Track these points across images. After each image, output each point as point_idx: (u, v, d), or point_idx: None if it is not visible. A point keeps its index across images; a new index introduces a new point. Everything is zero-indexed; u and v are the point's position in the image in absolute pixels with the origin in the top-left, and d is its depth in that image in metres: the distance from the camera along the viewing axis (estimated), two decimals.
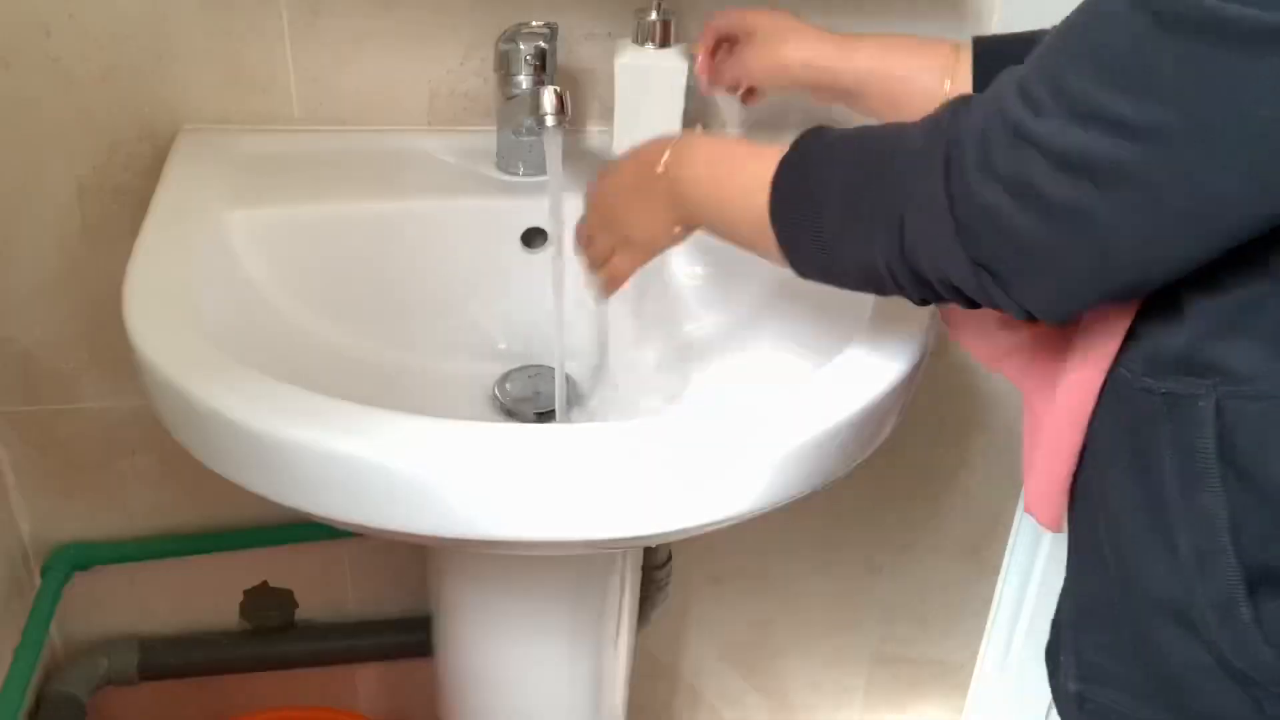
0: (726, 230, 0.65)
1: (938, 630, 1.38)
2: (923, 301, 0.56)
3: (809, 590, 1.31)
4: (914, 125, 0.54)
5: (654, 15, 0.86)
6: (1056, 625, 0.63)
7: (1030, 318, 0.52)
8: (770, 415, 0.64)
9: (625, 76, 0.87)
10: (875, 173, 0.54)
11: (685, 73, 0.87)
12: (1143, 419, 0.52)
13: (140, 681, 1.12)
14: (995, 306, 0.52)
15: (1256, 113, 0.40)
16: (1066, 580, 0.61)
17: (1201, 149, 0.41)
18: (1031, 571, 1.27)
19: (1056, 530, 0.62)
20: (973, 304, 0.54)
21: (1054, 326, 0.56)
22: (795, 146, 0.59)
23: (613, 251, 0.74)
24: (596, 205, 0.75)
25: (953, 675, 1.41)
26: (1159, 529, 0.51)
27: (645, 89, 0.88)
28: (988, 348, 0.64)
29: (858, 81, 0.75)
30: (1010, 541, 1.26)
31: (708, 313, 0.89)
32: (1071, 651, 0.59)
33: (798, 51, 0.77)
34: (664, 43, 0.87)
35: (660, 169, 0.67)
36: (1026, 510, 0.63)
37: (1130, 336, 0.53)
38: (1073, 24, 0.46)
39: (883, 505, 1.25)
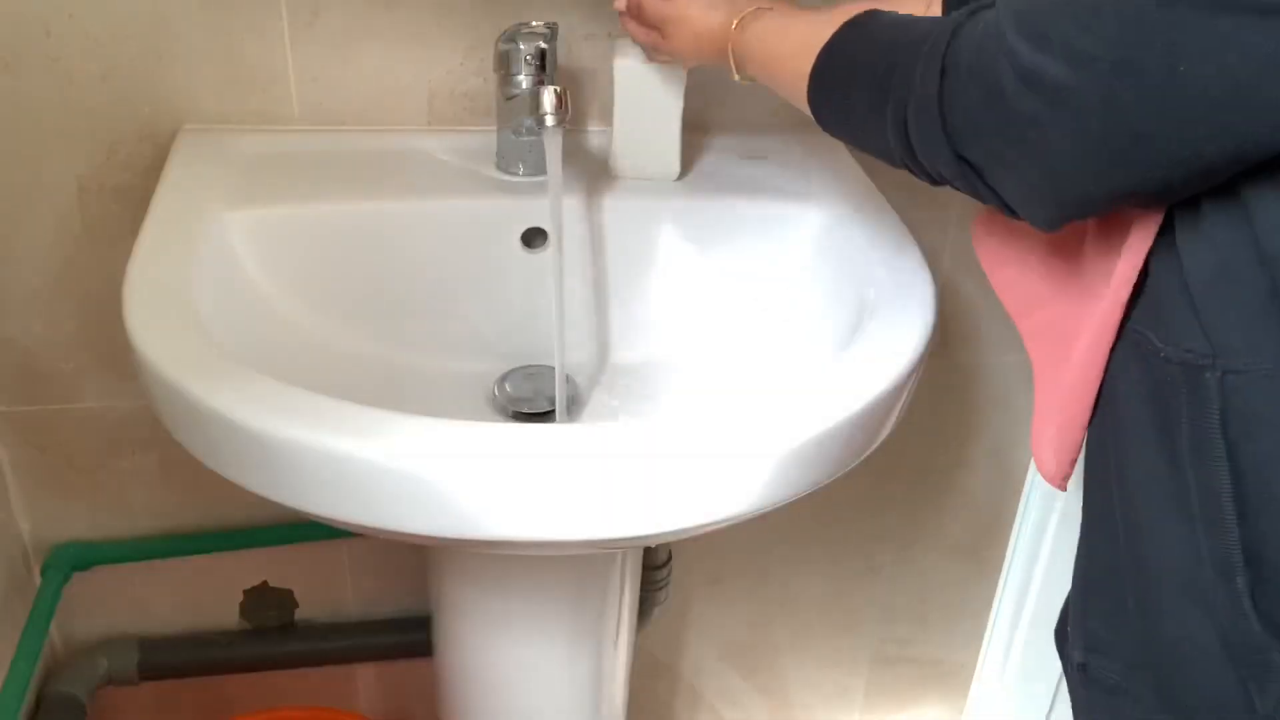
0: (772, 79, 0.73)
1: (938, 630, 1.38)
2: (931, 181, 0.60)
3: (809, 590, 1.31)
4: (933, 24, 0.58)
5: None
6: (1067, 602, 0.63)
7: (1013, 214, 0.55)
8: (770, 415, 0.64)
9: (625, 76, 0.88)
10: (890, 64, 0.59)
11: (684, 74, 0.87)
12: (1163, 386, 0.53)
13: (140, 681, 1.12)
14: (981, 199, 0.56)
15: (1171, 59, 0.44)
16: (1078, 551, 0.62)
17: (1122, 84, 0.45)
18: (1032, 571, 1.27)
19: (1062, 487, 0.63)
20: (973, 193, 0.57)
21: (1049, 232, 0.58)
22: (836, 34, 0.65)
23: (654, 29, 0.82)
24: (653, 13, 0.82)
25: (953, 675, 1.42)
26: (1174, 498, 0.52)
27: (645, 89, 0.88)
28: (1017, 292, 0.66)
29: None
30: (1011, 541, 1.27)
31: (707, 314, 0.89)
32: (1079, 622, 0.60)
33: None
34: None
35: (734, 26, 0.76)
36: (1038, 465, 0.64)
37: (1154, 303, 0.54)
38: None
39: (883, 505, 1.25)
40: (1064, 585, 0.65)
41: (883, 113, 0.59)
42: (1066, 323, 0.61)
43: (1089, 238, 0.60)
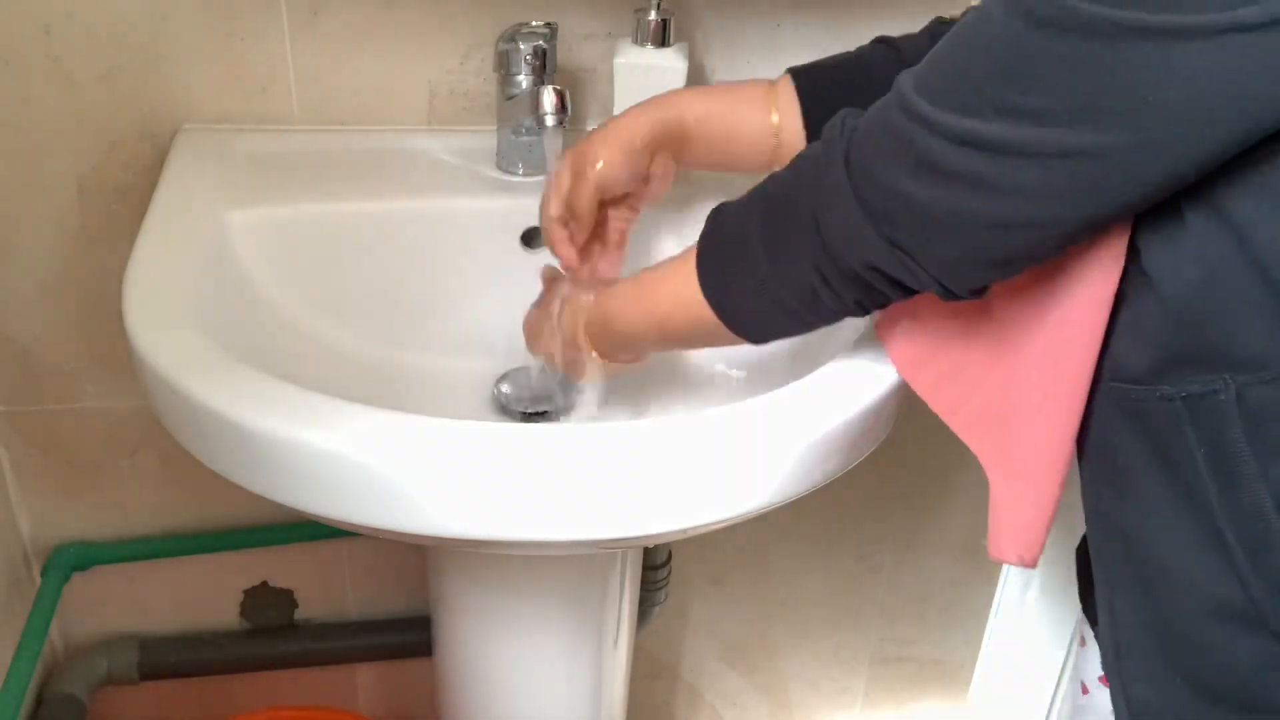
0: (673, 343, 0.71)
1: (938, 630, 1.38)
2: (859, 307, 0.60)
3: (809, 590, 1.31)
4: (807, 149, 0.60)
5: (653, 15, 0.86)
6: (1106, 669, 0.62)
7: (949, 295, 0.55)
8: (770, 415, 0.64)
9: (624, 76, 0.88)
10: (785, 197, 0.60)
11: (684, 72, 0.87)
12: (1165, 428, 0.53)
13: (140, 681, 1.12)
14: (919, 285, 0.56)
15: (1126, 95, 0.45)
16: (1100, 621, 0.61)
17: (1080, 126, 0.46)
18: (1032, 571, 1.27)
19: (1033, 565, 0.62)
20: (903, 291, 0.57)
21: (969, 303, 0.58)
22: (706, 228, 0.64)
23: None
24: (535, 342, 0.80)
25: (953, 675, 1.42)
26: (1206, 532, 0.52)
27: (644, 88, 0.88)
28: (944, 388, 0.65)
29: (695, 122, 0.77)
30: None
31: None
32: (1119, 693, 0.59)
33: (630, 133, 0.76)
34: (663, 42, 0.87)
35: (599, 358, 0.74)
36: (995, 556, 0.62)
37: (1130, 351, 0.54)
38: (960, 27, 0.51)
39: (883, 505, 1.25)
40: (1063, 584, 0.65)
41: (794, 237, 0.58)
42: (999, 401, 0.61)
43: (996, 308, 0.60)
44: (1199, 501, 0.52)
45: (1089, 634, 0.67)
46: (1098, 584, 0.59)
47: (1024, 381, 0.59)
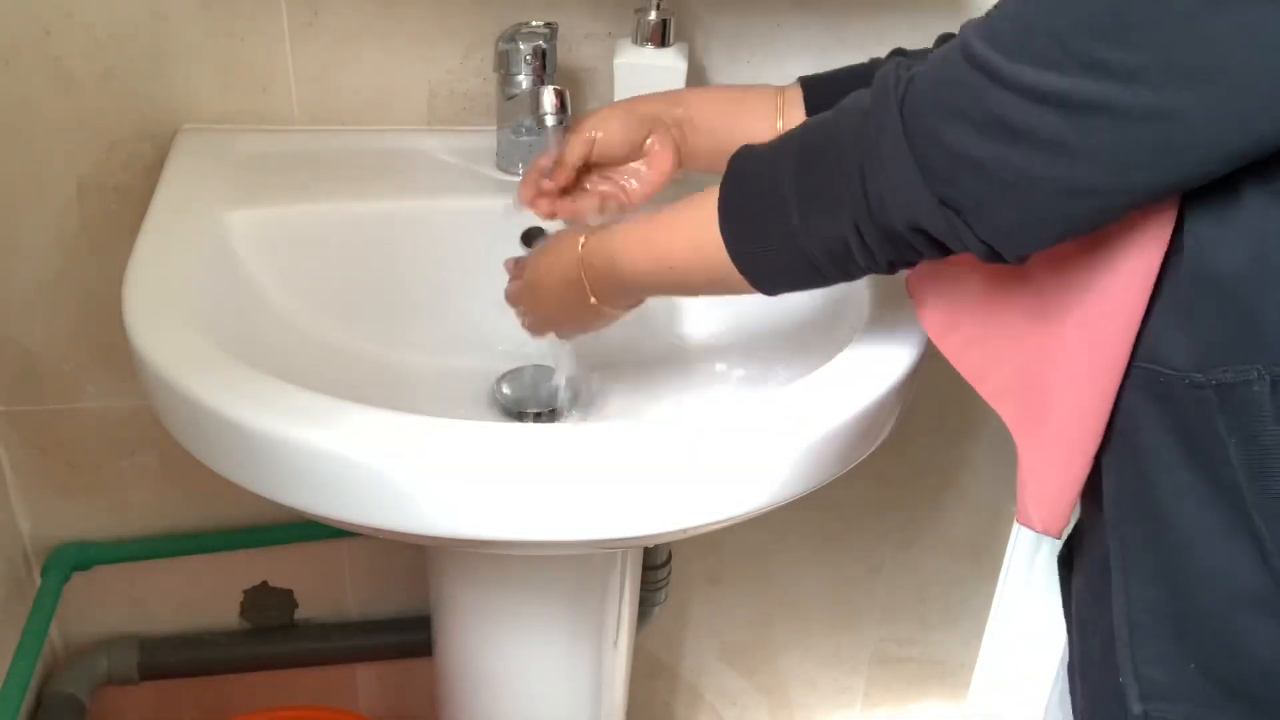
0: (679, 289, 0.68)
1: (938, 630, 1.38)
2: (890, 267, 0.58)
3: (809, 590, 1.31)
4: (850, 100, 0.57)
5: (653, 15, 0.86)
6: (1107, 647, 0.61)
7: (993, 257, 0.54)
8: (770, 416, 0.64)
9: (624, 76, 0.88)
10: (825, 144, 0.57)
11: (684, 72, 0.87)
12: (1194, 415, 0.52)
13: (140, 681, 1.12)
14: (962, 247, 0.54)
15: (1226, 57, 0.43)
16: (1115, 603, 0.59)
17: (1173, 86, 0.45)
18: (1032, 571, 1.27)
19: (1058, 535, 0.61)
20: (942, 252, 0.56)
21: (1017, 265, 0.56)
22: (729, 172, 0.62)
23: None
24: (525, 305, 0.78)
25: (953, 675, 1.42)
26: (1234, 520, 0.51)
27: (644, 88, 0.88)
28: (975, 352, 0.64)
29: (700, 120, 0.77)
30: (1010, 541, 1.27)
31: (707, 313, 0.89)
32: (1130, 672, 0.58)
33: (631, 103, 0.78)
34: (663, 42, 0.87)
35: (592, 301, 0.71)
36: (1022, 523, 0.61)
37: (1167, 332, 0.53)
38: None
39: (883, 504, 1.25)
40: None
41: (832, 192, 0.56)
42: (1033, 371, 0.59)
43: (1035, 275, 0.58)
44: (1227, 489, 0.51)
45: None
46: (1113, 565, 0.59)
47: (1059, 352, 0.57)
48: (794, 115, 0.74)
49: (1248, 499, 0.50)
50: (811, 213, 0.57)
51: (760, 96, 0.76)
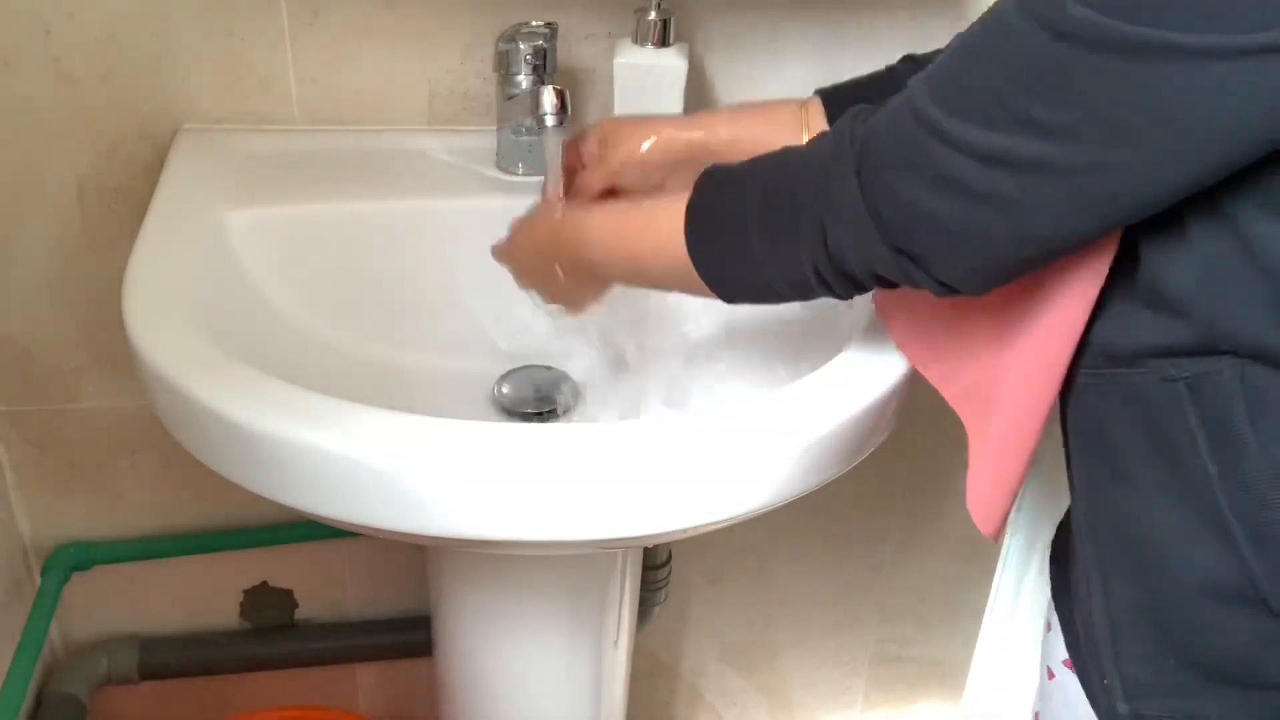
0: (645, 283, 0.71)
1: (938, 630, 1.38)
2: (849, 296, 0.61)
3: (809, 590, 1.31)
4: (813, 142, 0.60)
5: (653, 14, 0.86)
6: (1090, 648, 0.62)
7: (949, 292, 0.56)
8: (770, 416, 0.64)
9: (624, 76, 0.88)
10: (787, 190, 0.59)
11: (684, 72, 0.87)
12: (1164, 410, 0.53)
13: (140, 681, 1.12)
14: (916, 286, 0.56)
15: (1156, 111, 0.45)
16: (1094, 605, 0.61)
17: (1109, 142, 0.47)
18: (1027, 570, 1.27)
19: (994, 537, 0.64)
20: (892, 285, 0.58)
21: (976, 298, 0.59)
22: (698, 190, 0.63)
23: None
24: (507, 262, 0.79)
25: (952, 675, 1.42)
26: (1204, 513, 0.52)
27: (644, 88, 0.88)
28: (938, 363, 0.66)
29: (724, 147, 0.77)
30: (1005, 541, 1.27)
31: (707, 313, 0.89)
32: (1113, 671, 0.59)
33: (655, 138, 0.78)
34: (663, 42, 0.87)
35: (562, 273, 0.73)
36: (976, 520, 0.64)
37: (1126, 339, 0.54)
38: (975, 34, 0.51)
39: (883, 504, 1.25)
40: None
41: (792, 237, 0.58)
42: (988, 381, 0.62)
43: (993, 295, 0.60)
44: (1198, 483, 0.52)
45: (1055, 619, 0.67)
46: (1089, 568, 0.60)
47: (1011, 362, 0.60)
48: (818, 129, 0.74)
49: (1217, 490, 0.51)
50: (773, 252, 0.60)
51: (782, 113, 0.76)
